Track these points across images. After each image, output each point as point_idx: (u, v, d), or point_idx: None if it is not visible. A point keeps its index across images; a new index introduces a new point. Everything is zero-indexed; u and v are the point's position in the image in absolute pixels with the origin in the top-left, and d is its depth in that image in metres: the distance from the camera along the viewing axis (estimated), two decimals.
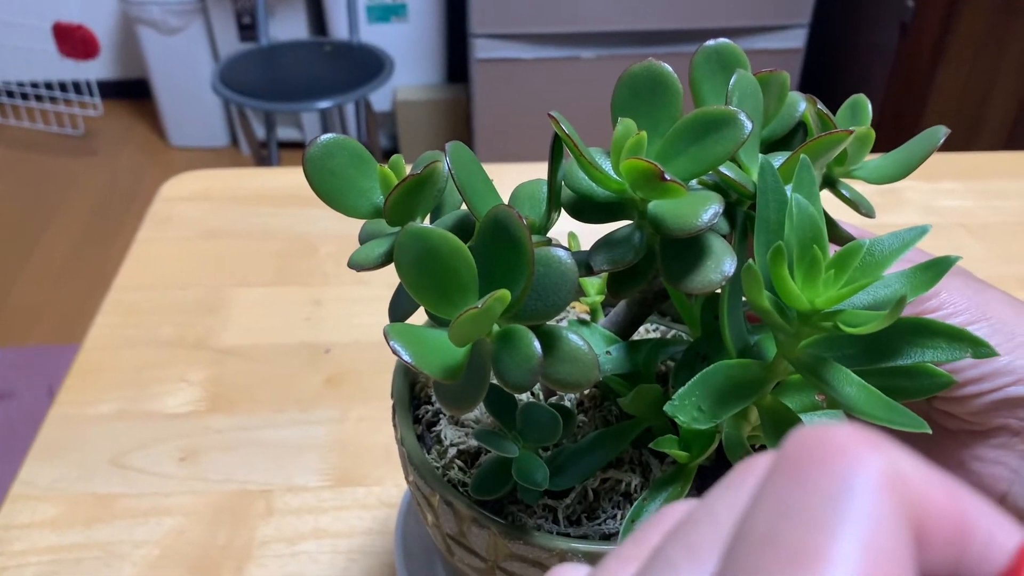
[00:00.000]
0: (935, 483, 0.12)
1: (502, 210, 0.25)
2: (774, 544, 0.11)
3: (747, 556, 0.12)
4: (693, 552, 0.13)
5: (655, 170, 0.25)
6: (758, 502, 0.12)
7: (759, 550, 0.12)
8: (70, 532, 0.49)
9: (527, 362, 0.26)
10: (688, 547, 0.13)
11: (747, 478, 0.14)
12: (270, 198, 0.77)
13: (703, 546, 0.13)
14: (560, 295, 0.26)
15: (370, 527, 0.49)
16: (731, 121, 0.27)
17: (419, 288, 0.26)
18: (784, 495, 0.12)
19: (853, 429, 0.12)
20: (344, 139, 0.30)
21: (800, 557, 0.11)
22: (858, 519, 0.11)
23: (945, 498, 0.12)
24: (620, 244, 0.28)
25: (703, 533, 0.13)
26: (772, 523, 0.12)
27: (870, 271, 0.26)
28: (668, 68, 0.29)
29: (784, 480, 0.12)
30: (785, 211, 0.27)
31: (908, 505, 0.12)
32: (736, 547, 0.12)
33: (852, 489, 0.12)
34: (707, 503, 0.14)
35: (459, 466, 0.36)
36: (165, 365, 0.60)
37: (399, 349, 0.25)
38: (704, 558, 0.13)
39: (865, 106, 0.35)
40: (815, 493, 0.12)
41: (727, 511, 0.13)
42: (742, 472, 0.14)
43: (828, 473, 0.12)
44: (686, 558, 0.13)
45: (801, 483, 0.12)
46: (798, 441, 0.13)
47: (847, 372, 0.27)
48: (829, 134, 0.29)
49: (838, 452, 0.12)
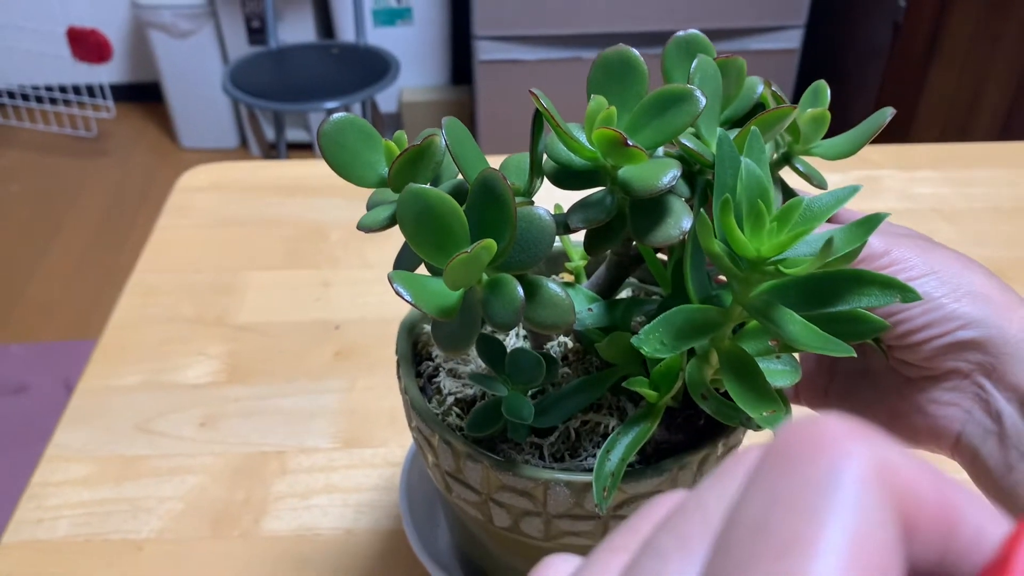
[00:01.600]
0: (923, 474, 0.13)
1: (490, 172, 0.29)
2: (764, 534, 0.12)
3: (737, 546, 0.12)
4: (683, 542, 0.13)
5: (620, 137, 0.29)
6: (748, 493, 0.13)
7: (749, 540, 0.12)
8: (100, 488, 0.53)
9: (511, 304, 0.30)
10: (678, 537, 0.13)
11: (737, 469, 0.14)
12: (281, 188, 0.81)
13: (693, 536, 0.13)
14: (540, 247, 0.30)
15: (376, 483, 0.53)
16: (688, 97, 0.31)
17: (419, 240, 0.30)
18: (774, 486, 0.12)
19: (843, 421, 0.13)
20: (354, 117, 0.35)
21: (789, 547, 0.11)
22: (846, 509, 0.11)
23: (933, 489, 0.13)
24: (594, 205, 0.32)
25: (693, 523, 0.13)
26: (762, 513, 0.12)
27: (808, 222, 0.30)
28: (636, 52, 0.33)
29: (774, 471, 0.12)
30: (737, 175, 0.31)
31: (896, 496, 0.12)
32: (726, 537, 0.12)
33: (841, 480, 0.12)
34: (697, 494, 0.14)
35: (456, 412, 0.40)
36: (185, 340, 0.64)
37: (401, 291, 0.29)
38: (694, 548, 0.13)
39: (824, 91, 0.39)
40: (804, 484, 0.12)
41: (717, 501, 0.13)
42: (732, 463, 0.14)
43: (817, 464, 0.12)
44: (676, 548, 0.13)
45: (790, 474, 0.12)
46: (788, 433, 0.13)
47: (791, 313, 0.31)
48: (776, 108, 0.33)
49: (827, 444, 0.12)
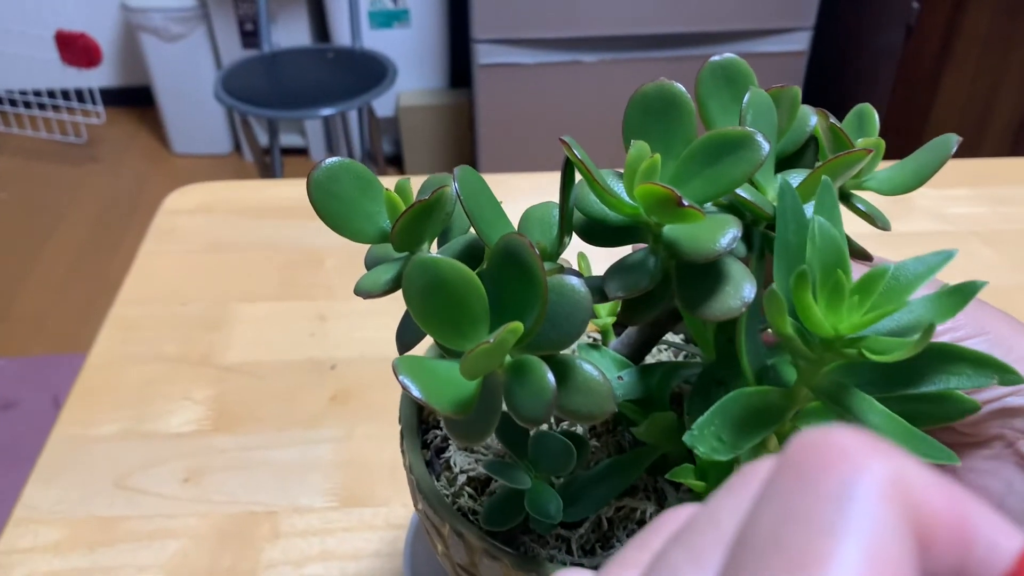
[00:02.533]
0: (938, 488, 0.12)
1: (513, 239, 0.24)
2: (777, 548, 0.11)
3: (750, 560, 0.12)
4: (695, 556, 0.13)
5: (672, 196, 0.24)
6: (761, 506, 0.12)
7: (762, 554, 0.11)
8: (72, 556, 0.48)
9: (541, 395, 0.25)
10: (690, 551, 0.13)
11: (750, 482, 0.14)
12: (274, 210, 0.76)
13: (705, 550, 0.13)
14: (574, 324, 0.25)
15: (378, 549, 0.48)
16: (748, 142, 0.26)
17: (428, 319, 0.25)
18: (787, 499, 0.12)
19: (857, 433, 0.12)
20: (349, 163, 0.30)
21: (803, 561, 0.11)
22: (861, 524, 0.11)
23: (948, 503, 0.12)
24: (635, 269, 0.27)
25: (705, 537, 0.13)
26: (775, 527, 0.12)
27: (895, 297, 0.25)
28: (681, 88, 0.28)
29: (787, 484, 0.12)
30: (802, 232, 0.26)
31: (911, 510, 0.12)
32: (739, 551, 0.12)
33: (856, 494, 0.11)
34: (709, 507, 0.14)
35: (469, 493, 0.35)
36: (169, 382, 0.59)
37: (408, 384, 0.24)
38: (706, 562, 0.13)
39: (872, 116, 0.34)
40: (819, 498, 0.12)
41: (729, 515, 0.13)
42: (744, 476, 0.14)
43: (832, 478, 0.12)
44: (688, 562, 0.13)
45: (804, 487, 0.12)
46: (801, 445, 0.13)
47: (871, 400, 0.26)
48: (848, 153, 0.28)
49: (842, 456, 0.12)
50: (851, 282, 0.25)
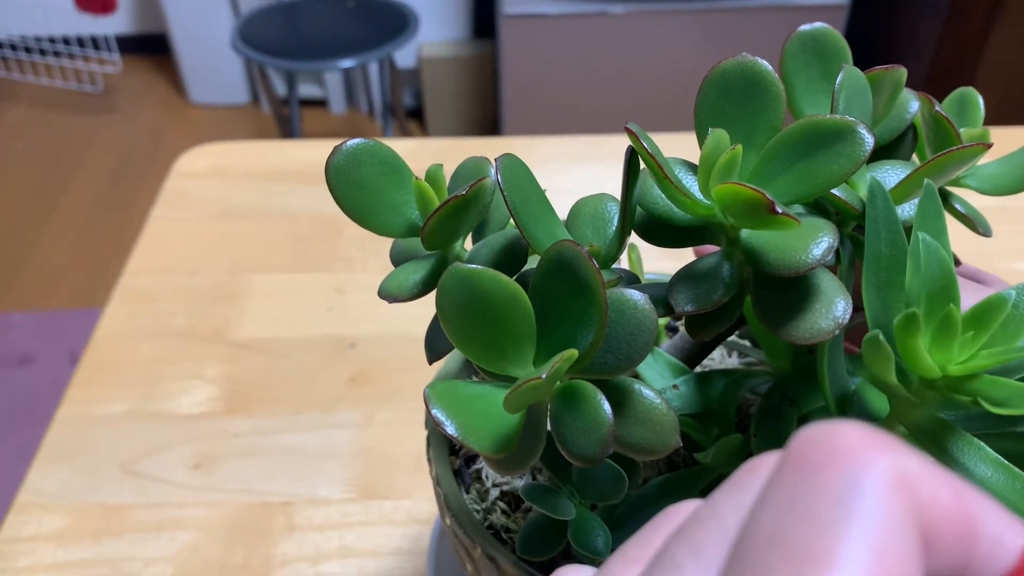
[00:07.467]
0: (943, 483, 0.12)
1: (568, 248, 0.21)
2: (781, 544, 0.11)
3: (753, 556, 0.11)
4: (698, 552, 0.13)
5: (763, 200, 0.20)
6: (764, 501, 0.12)
7: (765, 550, 0.11)
8: (76, 546, 0.46)
9: (596, 429, 0.21)
10: (693, 547, 0.13)
11: (753, 478, 0.13)
12: (290, 174, 0.72)
13: (708, 546, 0.13)
14: (635, 347, 0.22)
15: (399, 546, 0.45)
16: (848, 135, 0.22)
17: (466, 340, 0.21)
18: (791, 495, 0.12)
19: (861, 428, 0.12)
20: (375, 145, 0.26)
21: (807, 558, 0.11)
22: (866, 520, 0.11)
23: (953, 499, 0.12)
24: (706, 279, 0.23)
25: (708, 533, 0.13)
26: (779, 523, 0.11)
27: (1016, 332, 0.21)
28: (766, 66, 0.23)
29: (791, 480, 0.12)
30: (896, 243, 0.22)
31: (916, 506, 0.12)
32: (742, 547, 0.12)
33: (860, 490, 0.11)
34: (712, 502, 0.14)
35: (502, 509, 0.32)
36: (179, 360, 0.56)
37: (443, 419, 0.20)
38: (709, 558, 0.13)
39: (976, 102, 0.30)
40: (823, 493, 0.11)
41: (733, 511, 0.13)
42: (747, 471, 0.14)
43: (836, 473, 0.12)
44: (691, 558, 0.13)
45: (809, 483, 0.12)
46: (805, 440, 0.12)
47: (979, 445, 0.22)
48: (960, 148, 0.23)
49: (846, 452, 0.12)
50: (960, 312, 0.21)
